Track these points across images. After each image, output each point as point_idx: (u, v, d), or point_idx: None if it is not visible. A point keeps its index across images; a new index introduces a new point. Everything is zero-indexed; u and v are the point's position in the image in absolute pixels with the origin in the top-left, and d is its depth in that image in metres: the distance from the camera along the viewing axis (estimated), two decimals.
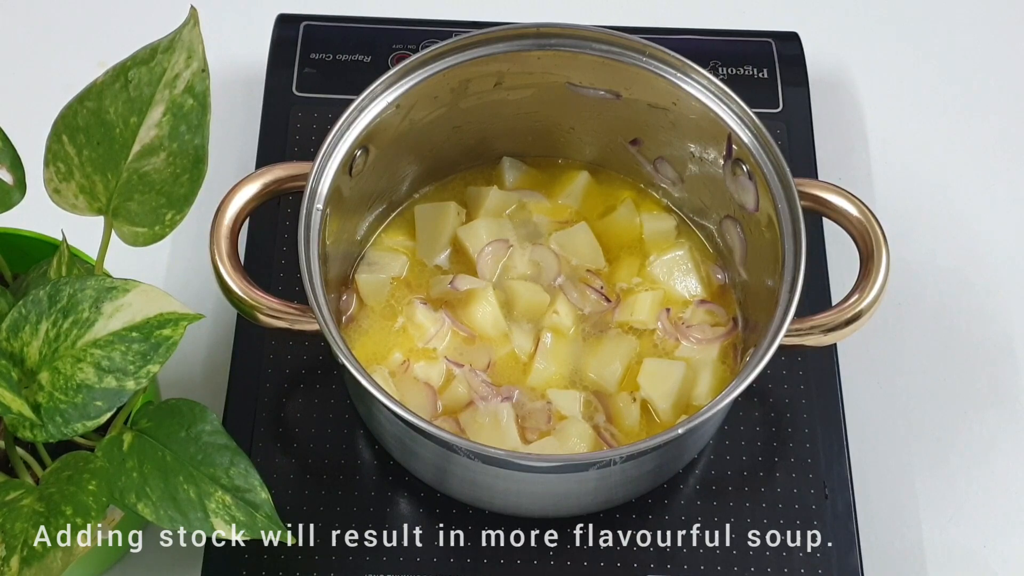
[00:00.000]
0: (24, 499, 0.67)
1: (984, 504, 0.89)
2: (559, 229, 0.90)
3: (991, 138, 1.04)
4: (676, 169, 0.89)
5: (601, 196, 0.92)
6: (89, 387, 0.67)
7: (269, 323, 0.77)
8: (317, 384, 0.88)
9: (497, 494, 0.81)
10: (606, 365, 0.84)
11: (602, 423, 0.83)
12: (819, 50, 1.05)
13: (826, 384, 0.88)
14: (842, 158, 1.02)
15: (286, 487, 0.84)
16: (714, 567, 0.82)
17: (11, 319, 0.68)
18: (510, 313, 0.86)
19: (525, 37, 0.83)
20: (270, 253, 0.92)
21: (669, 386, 0.83)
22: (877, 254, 0.79)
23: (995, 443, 0.91)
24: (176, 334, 0.67)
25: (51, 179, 0.71)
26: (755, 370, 0.73)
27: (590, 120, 0.89)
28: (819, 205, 0.81)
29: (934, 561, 0.87)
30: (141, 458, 0.70)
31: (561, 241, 0.89)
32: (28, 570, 0.65)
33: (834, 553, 0.83)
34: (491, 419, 0.82)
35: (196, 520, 0.69)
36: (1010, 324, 0.96)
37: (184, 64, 0.70)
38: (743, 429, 0.87)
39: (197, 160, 0.71)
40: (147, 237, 0.73)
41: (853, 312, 0.78)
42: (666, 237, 0.90)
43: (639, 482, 0.82)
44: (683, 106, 0.83)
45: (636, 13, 1.07)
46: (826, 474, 0.85)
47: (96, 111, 0.71)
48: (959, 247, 0.99)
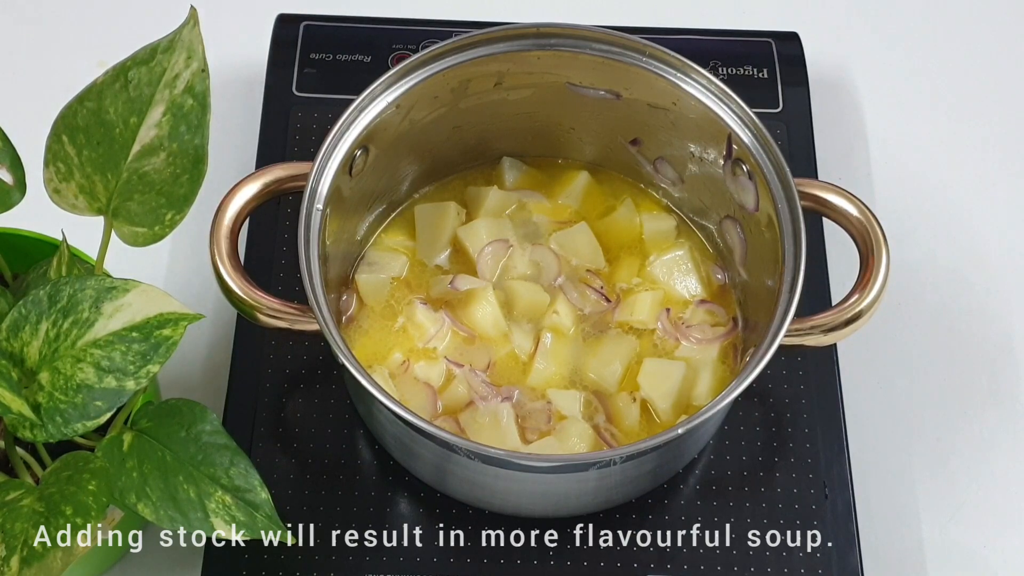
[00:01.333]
0: (24, 499, 0.67)
1: (984, 504, 0.89)
2: (559, 229, 0.90)
3: (991, 138, 1.04)
4: (676, 169, 0.89)
5: (601, 196, 0.92)
6: (89, 387, 0.67)
7: (269, 323, 0.77)
8: (317, 384, 0.88)
9: (497, 494, 0.81)
10: (606, 365, 0.84)
11: (602, 423, 0.83)
12: (819, 50, 1.05)
13: (826, 384, 0.88)
14: (842, 158, 1.02)
15: (286, 487, 0.84)
16: (714, 567, 0.82)
17: (11, 319, 0.68)
18: (510, 313, 0.86)
19: (525, 37, 0.83)
20: (270, 253, 0.92)
21: (669, 386, 0.83)
22: (877, 254, 0.78)
23: (995, 443, 0.91)
24: (176, 334, 0.67)
25: (51, 179, 0.71)
26: (755, 370, 0.73)
27: (590, 120, 0.89)
28: (819, 205, 0.81)
29: (934, 561, 0.87)
30: (141, 458, 0.70)
31: (561, 241, 0.89)
32: (28, 570, 0.65)
33: (834, 553, 0.83)
34: (491, 419, 0.82)
35: (196, 520, 0.69)
36: (1010, 324, 0.96)
37: (184, 64, 0.70)
38: (743, 429, 0.87)
39: (197, 160, 0.71)
40: (147, 237, 0.73)
41: (853, 312, 0.78)
42: (666, 237, 0.90)
43: (639, 482, 0.82)
44: (683, 106, 0.83)
45: (636, 13, 1.07)
46: (826, 474, 0.85)
47: (96, 111, 0.71)
48: (959, 247, 0.99)
